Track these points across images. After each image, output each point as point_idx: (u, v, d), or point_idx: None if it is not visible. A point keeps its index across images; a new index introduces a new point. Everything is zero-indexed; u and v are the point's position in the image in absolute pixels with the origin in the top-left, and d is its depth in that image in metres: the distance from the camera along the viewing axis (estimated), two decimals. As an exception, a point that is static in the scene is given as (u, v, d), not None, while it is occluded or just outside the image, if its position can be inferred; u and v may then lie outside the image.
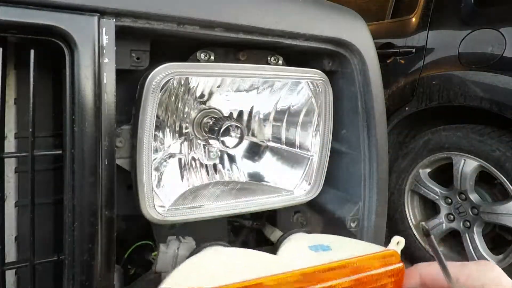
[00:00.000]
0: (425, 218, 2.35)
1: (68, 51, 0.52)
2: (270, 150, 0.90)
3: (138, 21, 0.58)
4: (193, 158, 0.85)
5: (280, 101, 0.87)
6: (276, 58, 0.79)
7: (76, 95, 0.52)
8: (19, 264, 0.56)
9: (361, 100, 0.82)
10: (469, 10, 2.13)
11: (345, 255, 0.66)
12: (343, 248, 0.70)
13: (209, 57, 0.72)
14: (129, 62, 0.64)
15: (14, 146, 0.62)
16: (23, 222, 0.64)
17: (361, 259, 0.65)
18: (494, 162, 1.90)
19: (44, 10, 0.49)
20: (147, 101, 0.61)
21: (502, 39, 1.92)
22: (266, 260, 0.63)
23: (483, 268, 0.57)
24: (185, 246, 0.78)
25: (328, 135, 0.82)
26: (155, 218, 0.66)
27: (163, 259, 0.77)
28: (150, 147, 0.63)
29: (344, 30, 0.78)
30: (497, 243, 2.07)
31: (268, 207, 0.79)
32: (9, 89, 0.60)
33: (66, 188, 0.54)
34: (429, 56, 2.26)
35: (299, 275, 0.59)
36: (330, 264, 0.62)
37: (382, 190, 0.84)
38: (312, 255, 0.66)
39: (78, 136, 0.53)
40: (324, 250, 0.68)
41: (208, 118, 0.80)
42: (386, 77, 0.86)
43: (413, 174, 2.30)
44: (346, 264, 0.64)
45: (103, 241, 0.56)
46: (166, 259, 0.77)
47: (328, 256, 0.65)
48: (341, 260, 0.64)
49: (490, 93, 1.92)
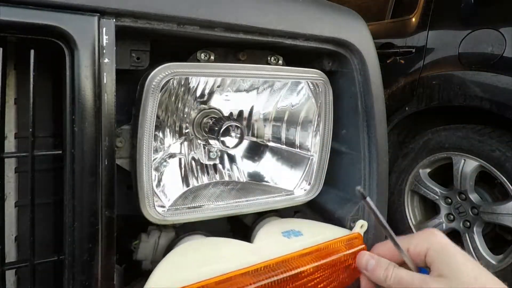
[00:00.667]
0: (425, 218, 2.36)
1: (68, 51, 0.52)
2: (270, 150, 0.90)
3: (138, 21, 0.58)
4: (193, 158, 0.85)
5: (280, 101, 0.87)
6: (276, 58, 0.79)
7: (76, 95, 0.52)
8: (19, 264, 0.56)
9: (361, 100, 0.82)
10: (469, 10, 2.13)
11: (315, 240, 0.72)
12: (313, 233, 0.76)
13: (209, 57, 0.72)
14: (129, 62, 0.64)
15: (14, 146, 0.62)
16: (23, 222, 0.64)
17: (329, 243, 0.73)
18: (494, 162, 1.90)
19: (44, 10, 0.49)
20: (147, 101, 0.61)
21: (502, 39, 1.92)
22: (243, 250, 0.67)
23: (427, 234, 0.63)
24: (165, 235, 0.79)
25: (328, 135, 0.82)
26: (155, 218, 0.66)
27: (144, 247, 0.78)
28: (150, 147, 0.63)
29: (344, 30, 0.78)
30: (497, 243, 2.07)
31: (268, 207, 0.79)
32: (9, 89, 0.60)
33: (66, 188, 0.54)
34: (429, 56, 2.26)
35: (274, 264, 0.64)
36: (303, 250, 0.69)
37: (382, 190, 0.84)
38: (285, 241, 0.71)
39: (78, 136, 0.53)
40: (296, 236, 0.74)
41: (208, 118, 0.80)
42: (386, 77, 0.86)
43: (413, 174, 2.30)
44: (316, 249, 0.71)
45: (103, 241, 0.56)
46: (147, 248, 0.78)
47: (300, 242, 0.71)
48: (311, 246, 0.71)
49: (490, 93, 1.92)
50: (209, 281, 0.58)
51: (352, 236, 0.77)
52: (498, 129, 1.96)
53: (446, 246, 0.60)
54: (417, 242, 0.62)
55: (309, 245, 0.70)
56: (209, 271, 0.59)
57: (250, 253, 0.66)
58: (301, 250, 0.68)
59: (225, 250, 0.67)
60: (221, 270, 0.60)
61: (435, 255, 0.59)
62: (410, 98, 2.29)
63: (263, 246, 0.69)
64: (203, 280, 0.58)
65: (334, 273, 0.71)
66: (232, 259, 0.63)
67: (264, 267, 0.63)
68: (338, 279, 0.72)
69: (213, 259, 0.64)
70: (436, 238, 0.62)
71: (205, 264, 0.61)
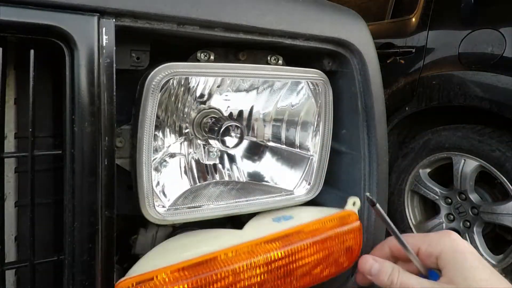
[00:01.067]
0: (425, 218, 2.36)
1: (68, 51, 0.52)
2: (270, 150, 0.90)
3: (138, 21, 0.58)
4: (193, 158, 0.85)
5: (280, 101, 0.87)
6: (276, 58, 0.79)
7: (76, 95, 0.52)
8: (19, 264, 0.56)
9: (361, 100, 0.82)
10: (469, 10, 2.13)
11: (306, 220, 0.69)
12: (304, 215, 0.73)
13: (209, 57, 0.72)
14: (129, 62, 0.64)
15: (14, 146, 0.62)
16: (23, 222, 0.64)
17: (320, 221, 0.69)
18: (494, 162, 1.90)
19: (44, 10, 0.49)
20: (147, 101, 0.61)
21: (502, 39, 1.92)
22: (229, 235, 0.66)
23: (442, 235, 0.60)
24: (163, 229, 0.80)
25: (328, 135, 0.82)
26: (155, 218, 0.66)
27: (142, 241, 0.78)
28: (150, 147, 0.63)
29: (344, 30, 0.78)
30: (497, 243, 2.07)
31: (268, 207, 0.79)
32: (9, 89, 0.60)
33: (66, 188, 0.54)
34: (429, 56, 2.26)
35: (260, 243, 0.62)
36: (291, 229, 0.65)
37: (382, 190, 0.84)
38: (274, 225, 0.69)
39: (78, 136, 0.53)
40: (286, 220, 0.71)
41: (208, 118, 0.80)
42: (386, 77, 0.87)
43: (413, 174, 2.30)
44: (305, 227, 0.67)
45: (103, 241, 0.56)
46: (145, 242, 0.79)
47: (290, 224, 0.68)
48: (301, 225, 0.67)
49: (490, 93, 1.92)
50: (189, 262, 0.58)
51: (344, 213, 0.72)
52: (498, 129, 1.96)
53: (460, 250, 0.56)
54: (430, 243, 0.59)
55: (299, 224, 0.67)
56: (191, 254, 0.60)
57: (236, 236, 0.65)
58: (288, 229, 0.65)
59: (211, 236, 0.66)
60: (202, 252, 0.60)
61: (448, 259, 0.56)
62: (410, 98, 2.29)
63: (251, 230, 0.67)
64: (183, 261, 0.58)
65: (330, 256, 0.66)
66: (216, 243, 0.63)
67: (248, 246, 0.60)
68: (335, 262, 0.67)
69: (197, 244, 0.63)
70: (451, 240, 0.58)
71: (189, 249, 0.62)
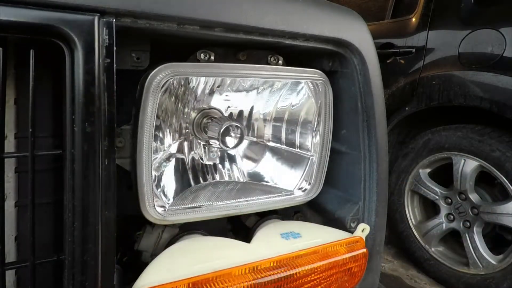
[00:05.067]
0: (425, 218, 2.35)
1: (68, 51, 0.52)
2: (270, 150, 0.90)
3: (138, 21, 0.58)
4: (193, 158, 0.85)
5: (280, 101, 0.87)
6: (276, 58, 0.79)
7: (76, 95, 0.52)
8: (19, 264, 0.56)
9: (361, 100, 0.82)
10: (469, 10, 2.13)
11: (314, 242, 0.70)
12: (312, 235, 0.74)
13: (209, 57, 0.72)
14: (129, 62, 0.64)
15: (14, 146, 0.62)
16: (23, 222, 0.64)
17: (328, 245, 0.70)
18: (494, 162, 1.90)
19: (44, 10, 0.49)
20: (147, 101, 0.61)
21: (502, 39, 1.92)
22: (238, 250, 0.67)
23: None
24: (169, 230, 0.80)
25: (328, 135, 0.82)
26: (155, 218, 0.66)
27: (147, 238, 0.79)
28: (150, 147, 0.63)
29: (344, 30, 0.78)
30: (497, 243, 2.07)
31: (268, 207, 0.79)
32: (9, 89, 0.60)
33: (66, 188, 0.54)
34: (429, 56, 2.26)
35: (268, 263, 0.63)
36: (299, 251, 0.67)
37: (382, 190, 0.84)
38: (282, 243, 0.70)
39: (78, 136, 0.53)
40: (295, 238, 0.72)
41: (208, 118, 0.80)
42: (386, 77, 0.86)
43: (413, 174, 2.30)
44: (313, 251, 0.68)
45: (103, 241, 0.56)
46: (150, 239, 0.79)
47: (298, 243, 0.70)
48: (309, 248, 0.68)
49: (490, 93, 1.92)
50: (200, 278, 0.58)
51: (353, 240, 0.75)
52: (498, 129, 1.96)
53: None
54: None
55: (307, 246, 0.69)
56: (201, 269, 0.59)
57: (245, 252, 0.66)
58: (297, 251, 0.67)
59: (220, 249, 0.66)
60: (213, 268, 0.60)
61: None
62: (410, 98, 2.29)
63: (260, 246, 0.69)
64: (194, 276, 0.58)
65: (333, 276, 0.69)
66: (226, 258, 0.63)
67: (257, 266, 0.62)
68: (338, 283, 0.71)
69: (207, 257, 0.63)
70: None
71: (198, 262, 0.61)
